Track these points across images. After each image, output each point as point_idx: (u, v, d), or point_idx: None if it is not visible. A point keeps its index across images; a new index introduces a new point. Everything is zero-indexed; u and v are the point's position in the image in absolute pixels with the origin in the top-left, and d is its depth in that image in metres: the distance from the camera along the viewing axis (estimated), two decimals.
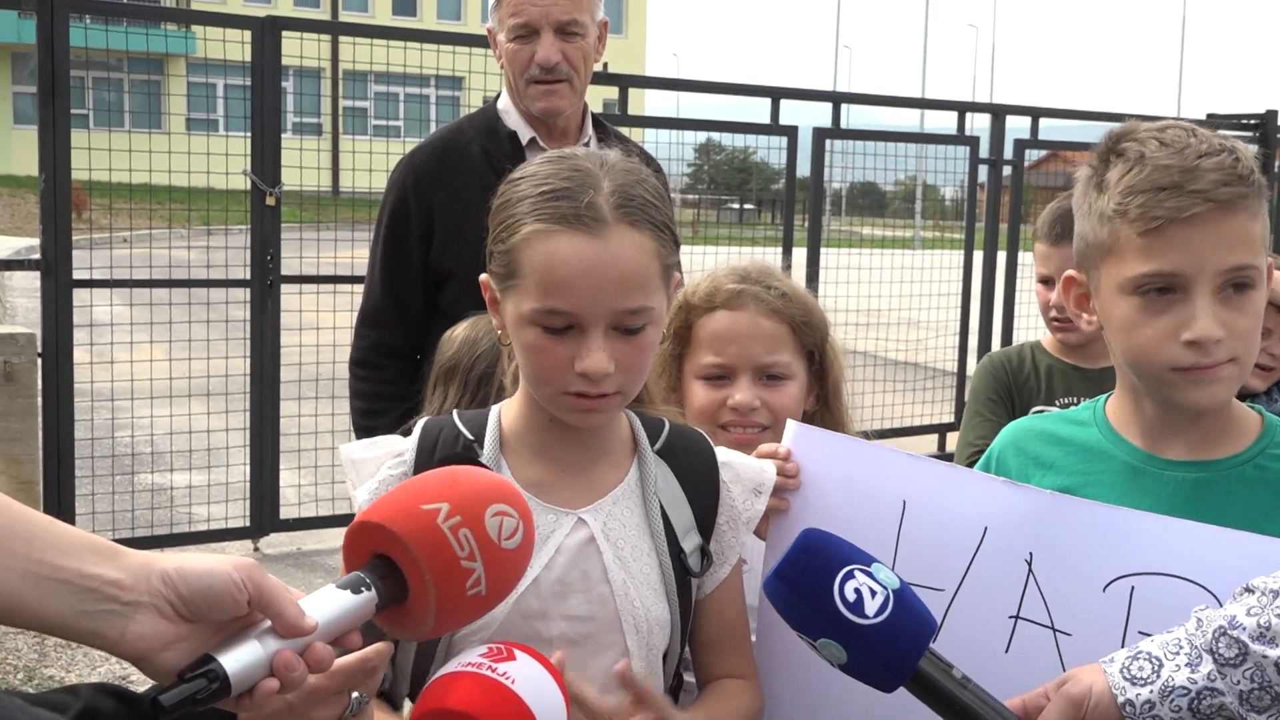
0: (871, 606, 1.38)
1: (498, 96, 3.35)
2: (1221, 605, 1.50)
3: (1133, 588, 1.62)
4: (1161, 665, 1.42)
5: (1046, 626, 1.67)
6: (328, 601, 1.19)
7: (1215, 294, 1.66)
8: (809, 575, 1.40)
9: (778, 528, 1.88)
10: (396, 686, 1.74)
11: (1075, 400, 3.09)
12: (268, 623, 1.16)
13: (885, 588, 1.40)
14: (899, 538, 1.78)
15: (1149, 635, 1.56)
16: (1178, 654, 1.42)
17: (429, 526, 1.21)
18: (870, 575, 1.40)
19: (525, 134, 3.23)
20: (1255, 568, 1.49)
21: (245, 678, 1.13)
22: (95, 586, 1.12)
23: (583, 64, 3.16)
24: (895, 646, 1.38)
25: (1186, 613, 1.53)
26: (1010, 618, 1.69)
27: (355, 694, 1.36)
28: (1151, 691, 1.40)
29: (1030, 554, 1.69)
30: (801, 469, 1.87)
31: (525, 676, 1.33)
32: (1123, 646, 1.58)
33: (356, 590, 1.20)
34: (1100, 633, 1.62)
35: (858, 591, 1.39)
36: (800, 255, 7.72)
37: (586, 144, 3.28)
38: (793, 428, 1.91)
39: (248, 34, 6.08)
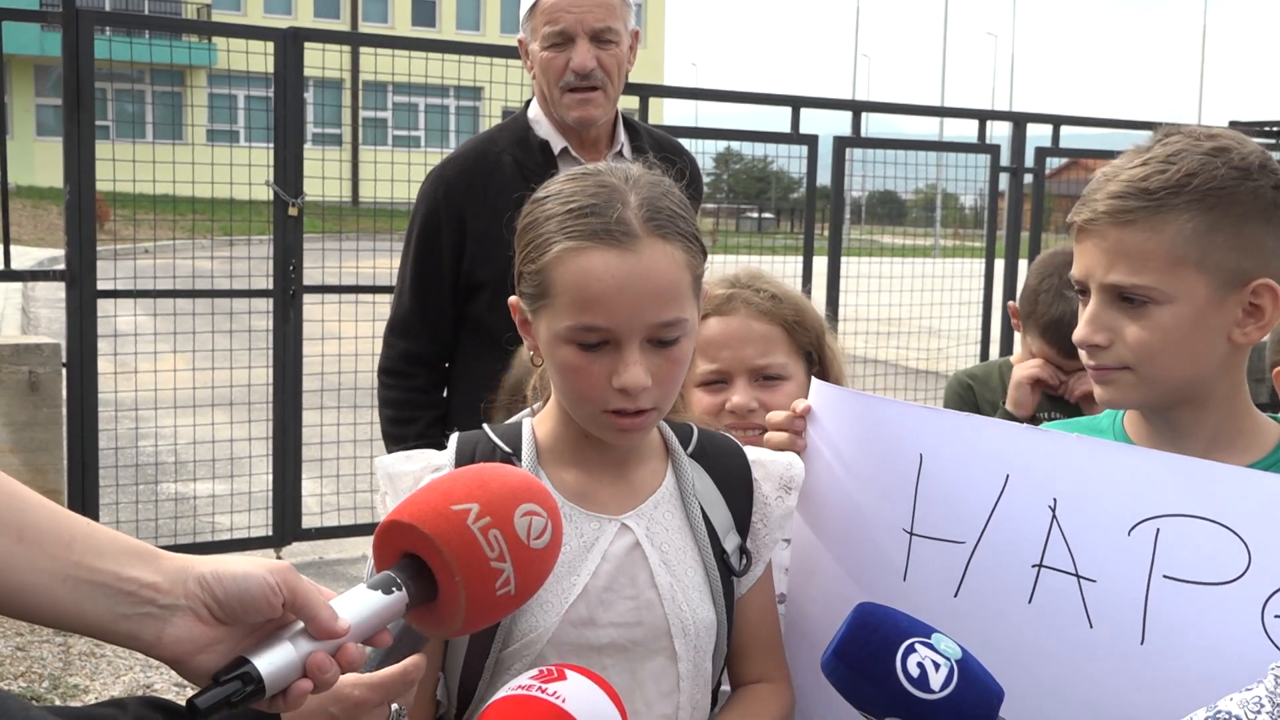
0: (936, 680, 1.33)
1: (527, 105, 3.33)
2: (1246, 545, 1.48)
3: (1158, 530, 1.57)
4: None
5: (1070, 574, 1.63)
6: (359, 602, 1.19)
7: (1109, 304, 1.70)
8: (870, 652, 1.35)
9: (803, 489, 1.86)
10: (446, 705, 1.73)
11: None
12: (300, 624, 1.16)
13: (948, 659, 1.35)
14: (917, 492, 1.76)
15: (1172, 579, 1.54)
16: (1259, 713, 1.36)
17: (460, 528, 1.20)
18: (931, 647, 1.36)
19: (557, 144, 3.21)
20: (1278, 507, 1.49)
21: (279, 679, 1.13)
22: (133, 590, 1.12)
23: (616, 72, 3.14)
24: (964, 719, 1.34)
25: (1211, 555, 1.52)
26: (1033, 566, 1.66)
27: (395, 706, 1.36)
28: None
29: (1054, 500, 1.65)
30: (822, 426, 1.86)
31: (577, 695, 1.30)
32: (1147, 592, 1.57)
33: (387, 590, 1.20)
34: (1124, 578, 1.59)
35: (921, 666, 1.34)
36: (821, 264, 7.73)
37: (620, 151, 3.27)
38: (815, 386, 1.90)
39: (270, 45, 6.11)
